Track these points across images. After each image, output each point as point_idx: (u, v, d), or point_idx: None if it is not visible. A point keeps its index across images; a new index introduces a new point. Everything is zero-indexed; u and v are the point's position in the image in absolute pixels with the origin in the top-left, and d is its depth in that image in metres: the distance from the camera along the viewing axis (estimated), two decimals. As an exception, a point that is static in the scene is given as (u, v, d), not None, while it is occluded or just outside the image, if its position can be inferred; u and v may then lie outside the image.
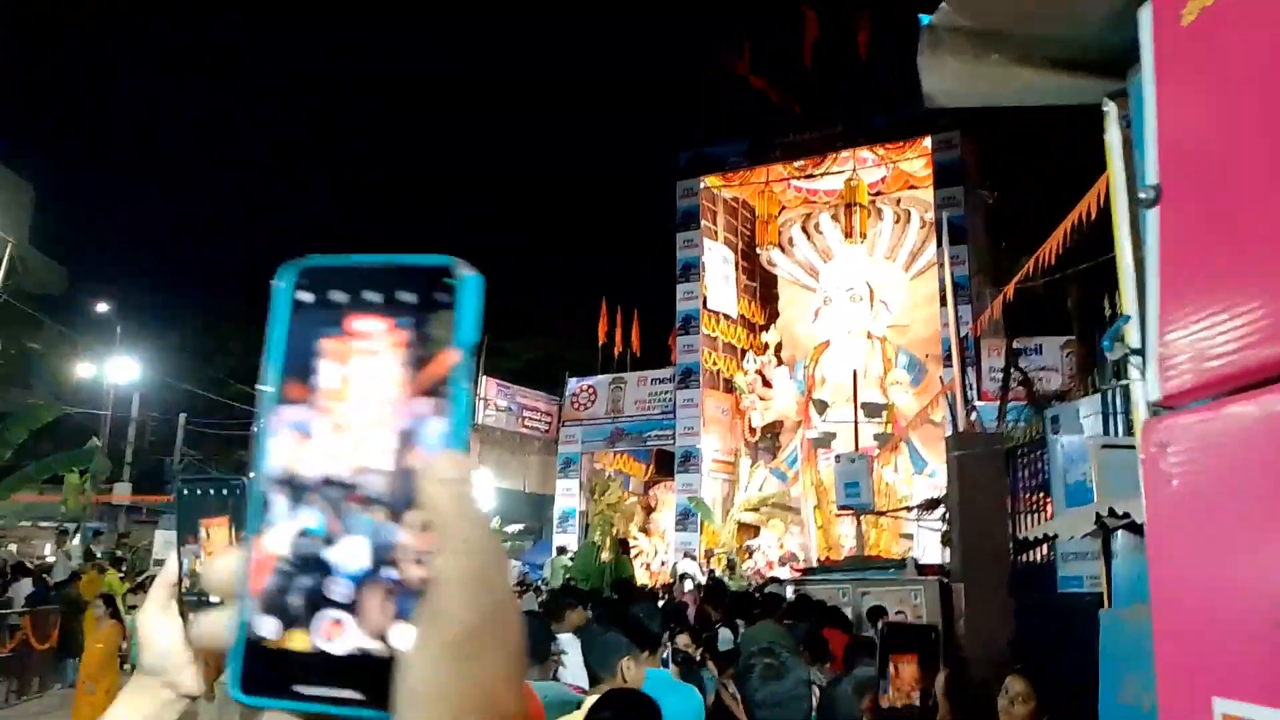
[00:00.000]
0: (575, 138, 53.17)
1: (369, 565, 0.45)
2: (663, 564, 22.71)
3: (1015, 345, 17.33)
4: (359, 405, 0.46)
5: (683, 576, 16.25)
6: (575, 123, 50.70)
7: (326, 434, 0.46)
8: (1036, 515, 9.57)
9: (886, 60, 22.05)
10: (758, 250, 25.73)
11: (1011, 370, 15.81)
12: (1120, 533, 2.33)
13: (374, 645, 0.44)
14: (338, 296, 0.48)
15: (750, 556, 21.52)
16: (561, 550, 21.03)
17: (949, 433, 15.74)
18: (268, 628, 0.45)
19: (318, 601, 0.45)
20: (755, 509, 22.88)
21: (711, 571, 18.66)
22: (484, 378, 27.39)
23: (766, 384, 24.54)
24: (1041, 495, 9.51)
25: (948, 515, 10.94)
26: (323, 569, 0.45)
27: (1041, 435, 9.27)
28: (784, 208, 25.32)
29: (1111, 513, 1.97)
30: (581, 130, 52.94)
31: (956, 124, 21.27)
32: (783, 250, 25.18)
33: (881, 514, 17.84)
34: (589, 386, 26.70)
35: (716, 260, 24.96)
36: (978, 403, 16.20)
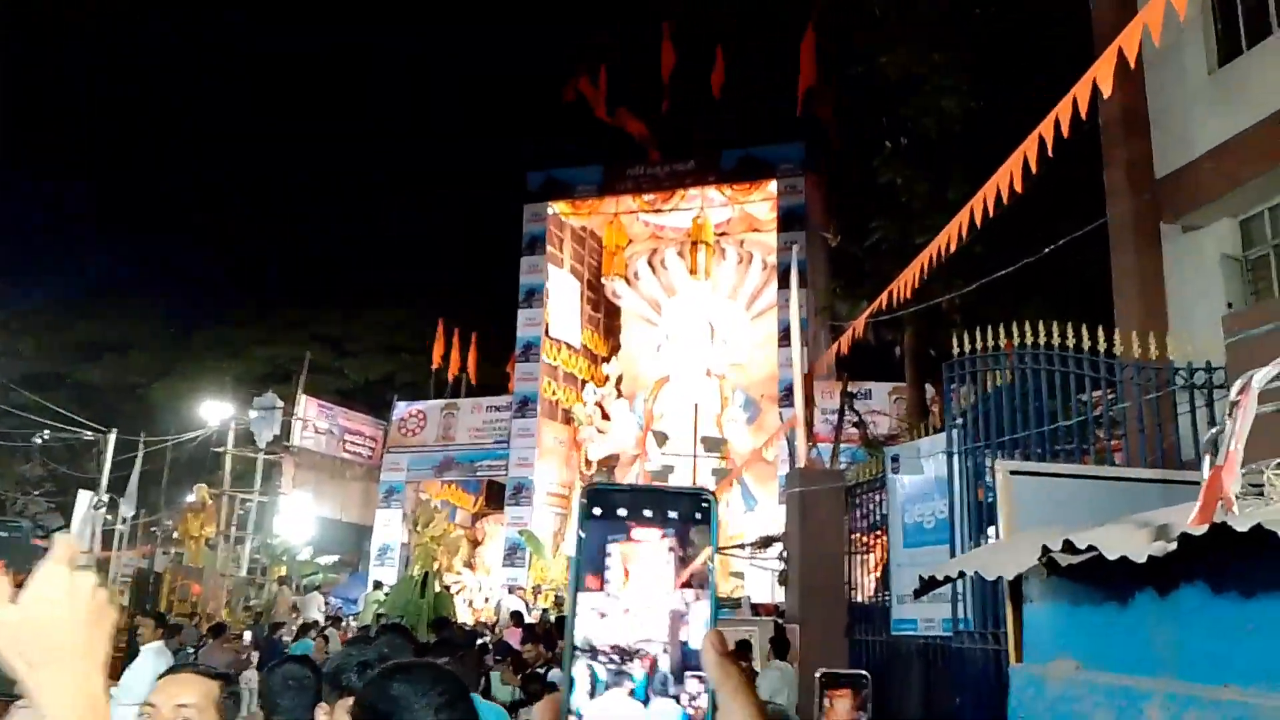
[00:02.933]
0: (418, 150, 51.51)
1: (656, 708, 0.61)
2: (486, 600, 21.70)
3: (847, 389, 17.68)
4: (642, 592, 0.62)
5: (514, 615, 15.44)
6: (419, 135, 49.00)
7: (618, 613, 0.62)
8: (866, 555, 9.47)
9: (739, 100, 22.38)
10: (603, 281, 25.42)
11: (845, 411, 16.03)
12: (1043, 575, 1.96)
13: None
14: (624, 512, 0.64)
15: (580, 593, 20.86)
16: (378, 585, 19.74)
17: (784, 471, 15.75)
18: None
19: None
20: (587, 544, 22.28)
21: (545, 611, 17.95)
22: (303, 396, 25.66)
23: (605, 416, 24.12)
24: (874, 536, 9.42)
25: (785, 553, 10.71)
26: (624, 713, 0.60)
27: (878, 475, 9.17)
28: (631, 240, 25.17)
29: (1069, 546, 1.58)
30: (425, 143, 51.41)
31: (802, 167, 21.78)
32: (628, 283, 24.97)
33: (716, 551, 17.60)
34: (419, 412, 25.47)
35: (561, 288, 24.47)
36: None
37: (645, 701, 0.60)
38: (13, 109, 34.50)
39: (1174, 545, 1.40)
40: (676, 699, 0.60)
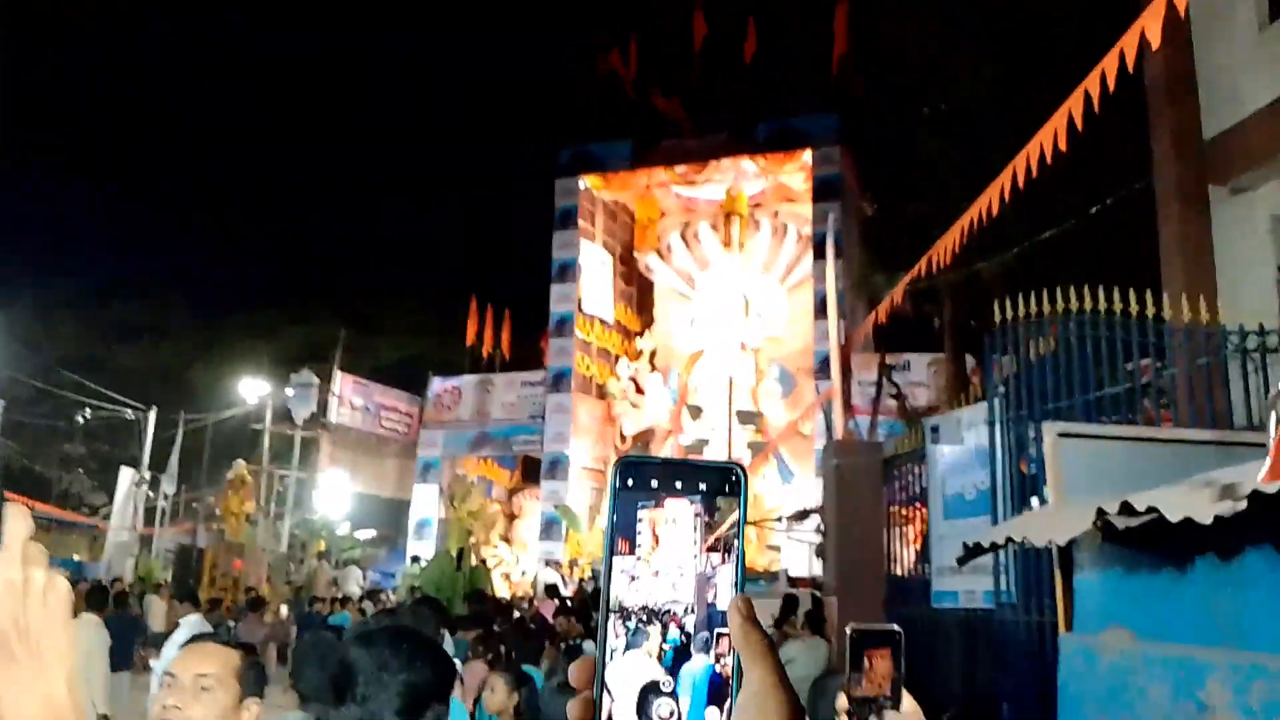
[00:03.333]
0: (449, 129, 51.55)
1: (684, 666, 0.64)
2: (523, 574, 21.84)
3: (885, 361, 17.42)
4: (670, 556, 0.65)
5: (550, 588, 15.49)
6: (449, 114, 49.02)
7: (648, 576, 0.65)
8: (905, 528, 9.33)
9: (771, 70, 22.02)
10: (635, 255, 25.26)
11: (883, 384, 15.81)
12: (1095, 541, 1.85)
13: None
14: (655, 483, 0.66)
15: (616, 567, 20.91)
16: (415, 560, 19.94)
17: (820, 444, 15.59)
18: (621, 712, 0.63)
19: (652, 692, 0.63)
20: (623, 518, 22.30)
21: (581, 582, 17.99)
22: (339, 373, 25.88)
23: (639, 391, 24.05)
24: (913, 508, 9.27)
25: (823, 527, 10.60)
26: (652, 670, 0.63)
27: (918, 448, 9.01)
28: (664, 214, 24.96)
29: (1126, 508, 1.48)
30: (455, 122, 51.40)
31: (838, 137, 21.41)
32: (660, 256, 24.79)
33: (752, 524, 17.55)
34: (454, 388, 25.58)
35: (593, 263, 24.34)
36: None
37: (675, 659, 0.63)
38: (15, 109, 34.91)
39: (1243, 504, 1.29)
40: (706, 656, 0.63)
